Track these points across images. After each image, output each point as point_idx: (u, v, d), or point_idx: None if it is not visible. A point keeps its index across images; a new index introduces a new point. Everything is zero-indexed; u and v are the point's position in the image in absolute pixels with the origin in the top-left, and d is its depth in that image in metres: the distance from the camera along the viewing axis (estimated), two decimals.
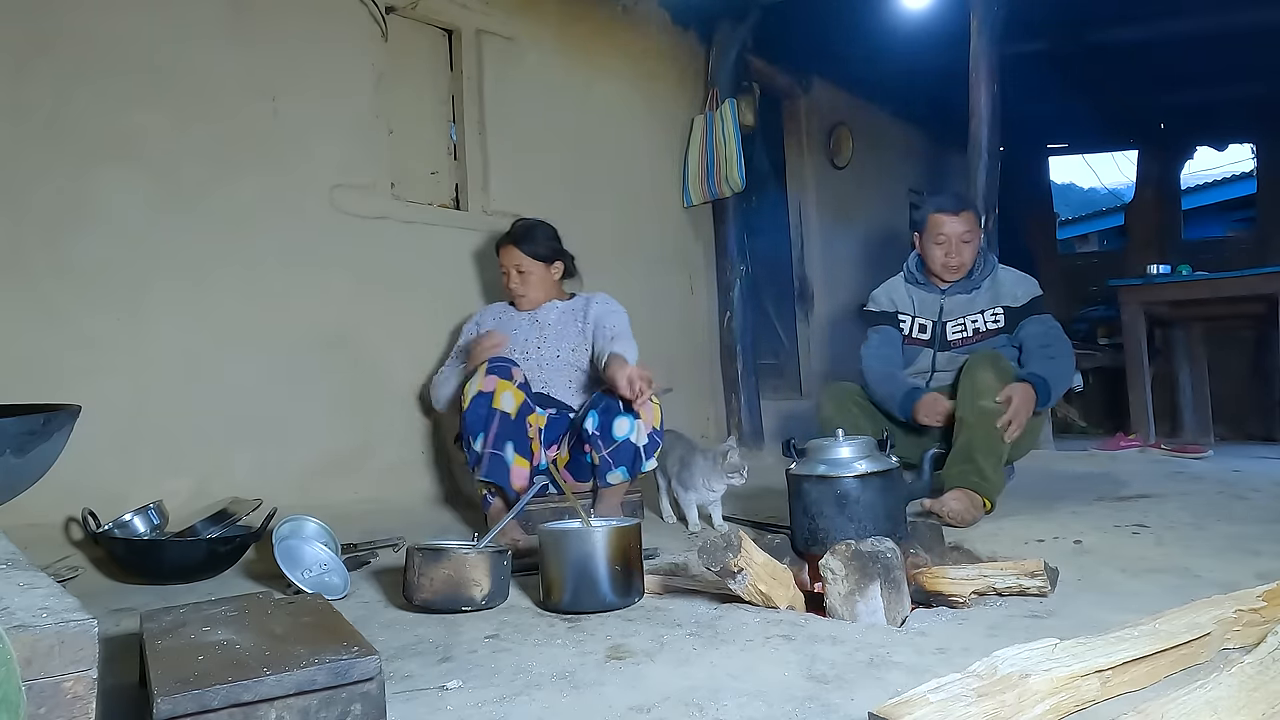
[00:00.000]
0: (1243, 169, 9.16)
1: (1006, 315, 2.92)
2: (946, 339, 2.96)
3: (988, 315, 2.94)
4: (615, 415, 2.59)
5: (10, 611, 0.94)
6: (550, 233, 3.01)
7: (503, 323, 2.98)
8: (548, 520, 2.32)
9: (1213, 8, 4.62)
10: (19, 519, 2.03)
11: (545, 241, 2.98)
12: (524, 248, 2.93)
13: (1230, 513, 2.62)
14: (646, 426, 2.62)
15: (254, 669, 1.09)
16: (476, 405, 2.54)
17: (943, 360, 2.96)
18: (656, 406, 2.66)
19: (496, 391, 2.55)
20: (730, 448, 2.69)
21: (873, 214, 5.90)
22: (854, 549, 1.69)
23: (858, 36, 4.66)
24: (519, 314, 3.00)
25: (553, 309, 2.98)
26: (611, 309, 2.96)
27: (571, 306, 2.99)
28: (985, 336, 2.92)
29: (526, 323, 2.97)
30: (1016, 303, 2.92)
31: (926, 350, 2.99)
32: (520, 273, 2.93)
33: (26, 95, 2.42)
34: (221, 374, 2.74)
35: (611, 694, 1.32)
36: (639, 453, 2.61)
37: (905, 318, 3.03)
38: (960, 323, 2.96)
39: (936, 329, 2.98)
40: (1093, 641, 1.26)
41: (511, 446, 2.51)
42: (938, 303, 2.99)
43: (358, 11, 3.16)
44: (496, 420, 2.52)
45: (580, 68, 3.96)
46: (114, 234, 2.55)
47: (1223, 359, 5.40)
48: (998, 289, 2.96)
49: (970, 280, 2.96)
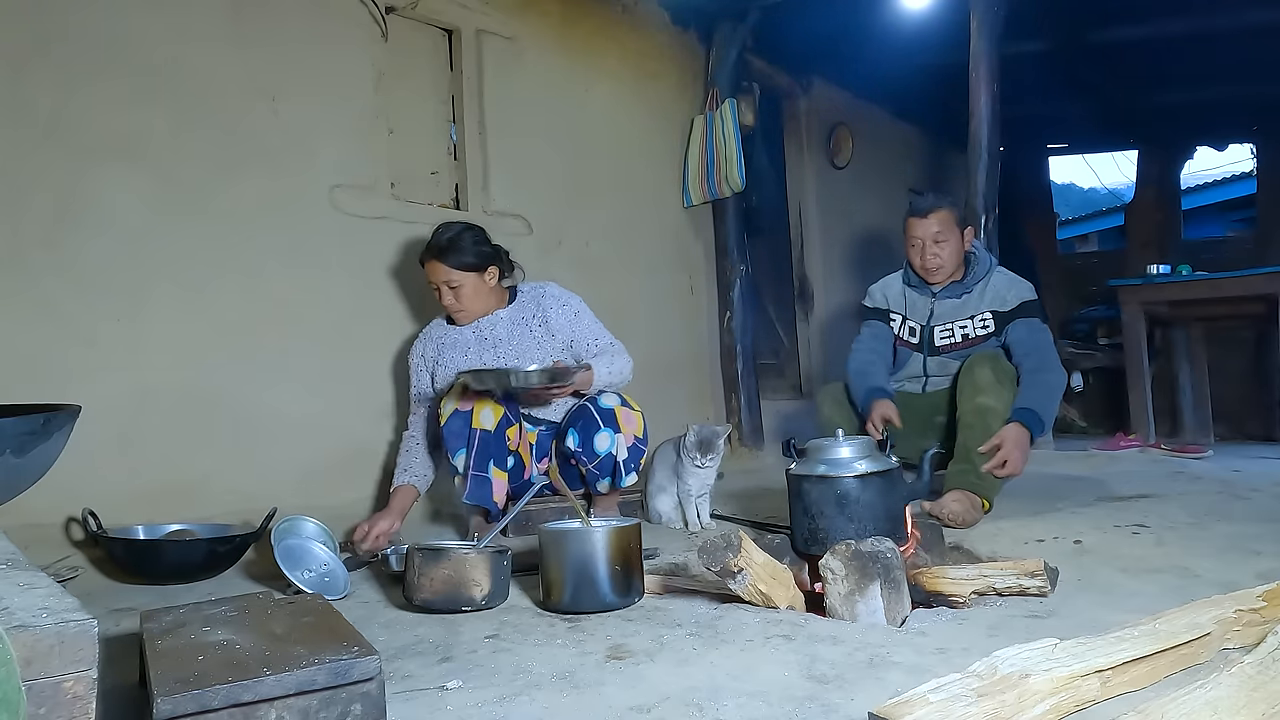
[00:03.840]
0: (1243, 169, 9.16)
1: (995, 319, 2.89)
2: (935, 344, 2.96)
3: (976, 321, 2.91)
4: (595, 431, 2.58)
5: (10, 611, 0.94)
6: (477, 236, 2.72)
7: (447, 346, 2.75)
8: (548, 520, 2.32)
9: (1213, 8, 4.62)
10: (19, 519, 2.03)
11: (472, 248, 2.68)
12: (449, 260, 2.64)
13: (1230, 513, 2.62)
14: (627, 439, 2.60)
15: (254, 669, 1.09)
16: (454, 422, 2.50)
17: (934, 366, 2.96)
18: (639, 416, 2.64)
19: (475, 410, 2.50)
20: (709, 429, 2.66)
21: (873, 214, 5.89)
22: (854, 549, 1.69)
23: (858, 36, 4.66)
24: (462, 331, 2.76)
25: (498, 321, 2.74)
26: (571, 310, 2.75)
27: (520, 314, 2.75)
28: (974, 343, 2.89)
29: (473, 340, 2.75)
30: (1005, 306, 2.88)
31: (917, 355, 2.99)
32: (452, 288, 2.66)
33: (26, 95, 2.42)
34: (221, 374, 2.74)
35: (611, 694, 1.32)
36: (619, 466, 2.60)
37: (896, 317, 3.04)
38: (948, 328, 2.94)
39: (924, 333, 2.97)
40: (1093, 641, 1.26)
41: (492, 464, 2.49)
42: (928, 305, 2.98)
43: (358, 11, 3.16)
44: (477, 439, 2.48)
45: (580, 68, 3.96)
46: (114, 234, 2.55)
47: (1223, 359, 5.39)
48: (989, 292, 2.92)
49: (962, 284, 2.94)
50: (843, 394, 2.98)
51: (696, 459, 2.65)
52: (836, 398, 2.99)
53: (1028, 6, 4.24)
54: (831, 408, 2.96)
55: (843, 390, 2.99)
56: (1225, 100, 6.24)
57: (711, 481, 2.73)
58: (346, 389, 3.04)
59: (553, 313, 2.73)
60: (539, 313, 2.74)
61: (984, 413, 2.67)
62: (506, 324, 2.74)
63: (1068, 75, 5.62)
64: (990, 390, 2.69)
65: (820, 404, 3.03)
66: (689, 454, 2.65)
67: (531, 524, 2.47)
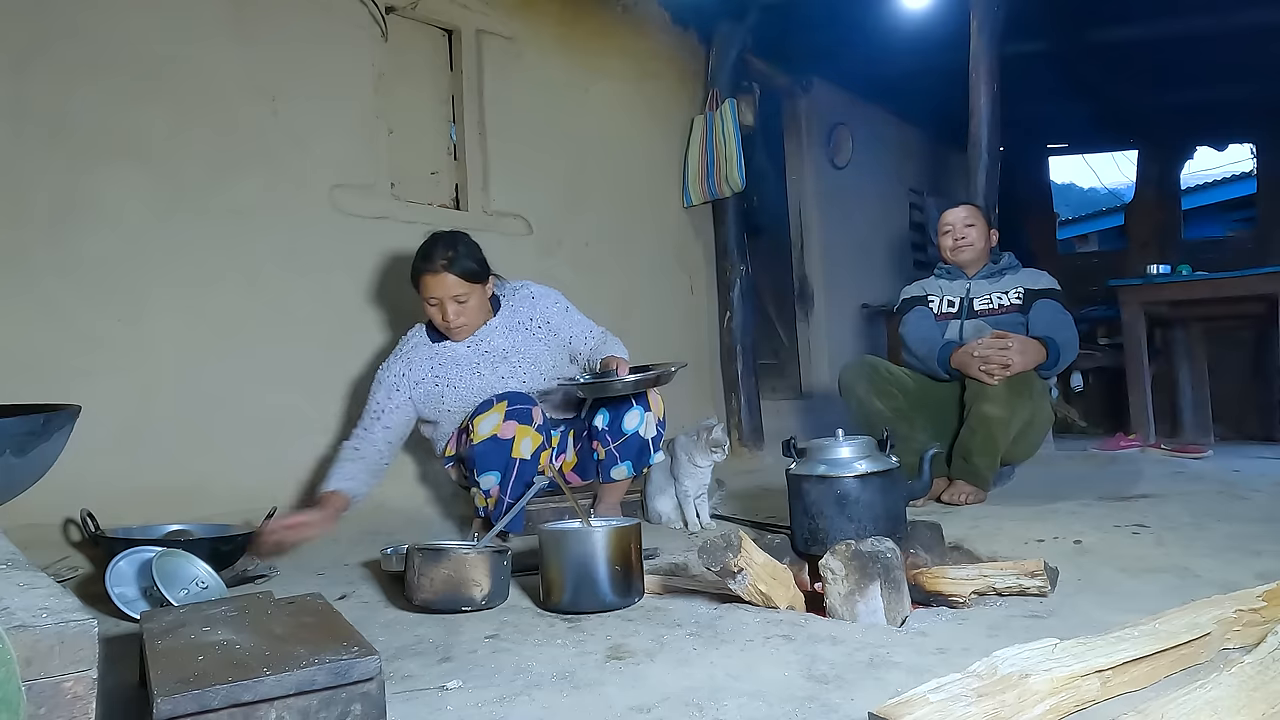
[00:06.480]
0: (1243, 169, 9.16)
1: (1026, 295, 3.12)
2: (973, 309, 3.16)
3: (1011, 294, 3.14)
4: (626, 409, 2.58)
5: (10, 611, 0.94)
6: (472, 243, 2.57)
7: (446, 365, 2.58)
8: (548, 520, 2.32)
9: (1213, 8, 4.62)
10: (19, 519, 2.03)
11: (475, 256, 2.53)
12: (458, 270, 2.47)
13: (1230, 513, 2.61)
14: (655, 417, 2.60)
15: (254, 669, 1.09)
16: (489, 444, 2.36)
17: (970, 329, 3.11)
18: (661, 399, 2.65)
19: (516, 439, 2.37)
20: (714, 423, 2.68)
21: (873, 214, 5.90)
22: (854, 549, 1.69)
23: (858, 36, 4.65)
24: (455, 348, 2.60)
25: (494, 332, 2.62)
26: (563, 306, 2.69)
27: (514, 319, 2.65)
28: (1009, 310, 3.11)
29: (472, 355, 2.60)
30: (1036, 285, 3.14)
31: (954, 322, 3.17)
32: (460, 302, 2.49)
33: (27, 94, 2.42)
34: (222, 374, 2.74)
35: (611, 694, 1.32)
36: (646, 446, 2.60)
37: (934, 299, 3.25)
38: (986, 297, 3.18)
39: (964, 304, 3.18)
40: (1093, 641, 1.25)
41: (524, 490, 2.43)
42: (965, 285, 3.22)
43: (358, 11, 3.16)
44: (515, 469, 2.37)
45: (580, 68, 3.96)
46: (114, 233, 2.55)
47: (1223, 359, 5.38)
48: (1021, 275, 3.20)
49: (995, 267, 3.21)
50: (872, 372, 3.08)
51: (717, 453, 2.65)
52: (868, 377, 3.06)
53: (1028, 6, 4.24)
54: (865, 390, 3.04)
55: (870, 369, 3.09)
56: (1225, 100, 6.24)
57: (708, 482, 2.74)
58: (346, 388, 3.04)
59: (552, 313, 2.70)
60: (536, 315, 2.68)
61: (988, 421, 2.83)
62: (502, 332, 2.63)
63: (1068, 75, 5.62)
64: (998, 400, 2.82)
65: (851, 387, 3.08)
66: (710, 446, 2.65)
67: (531, 524, 2.47)
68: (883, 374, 3.08)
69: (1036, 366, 2.89)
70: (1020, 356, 2.83)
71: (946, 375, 3.03)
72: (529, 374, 2.64)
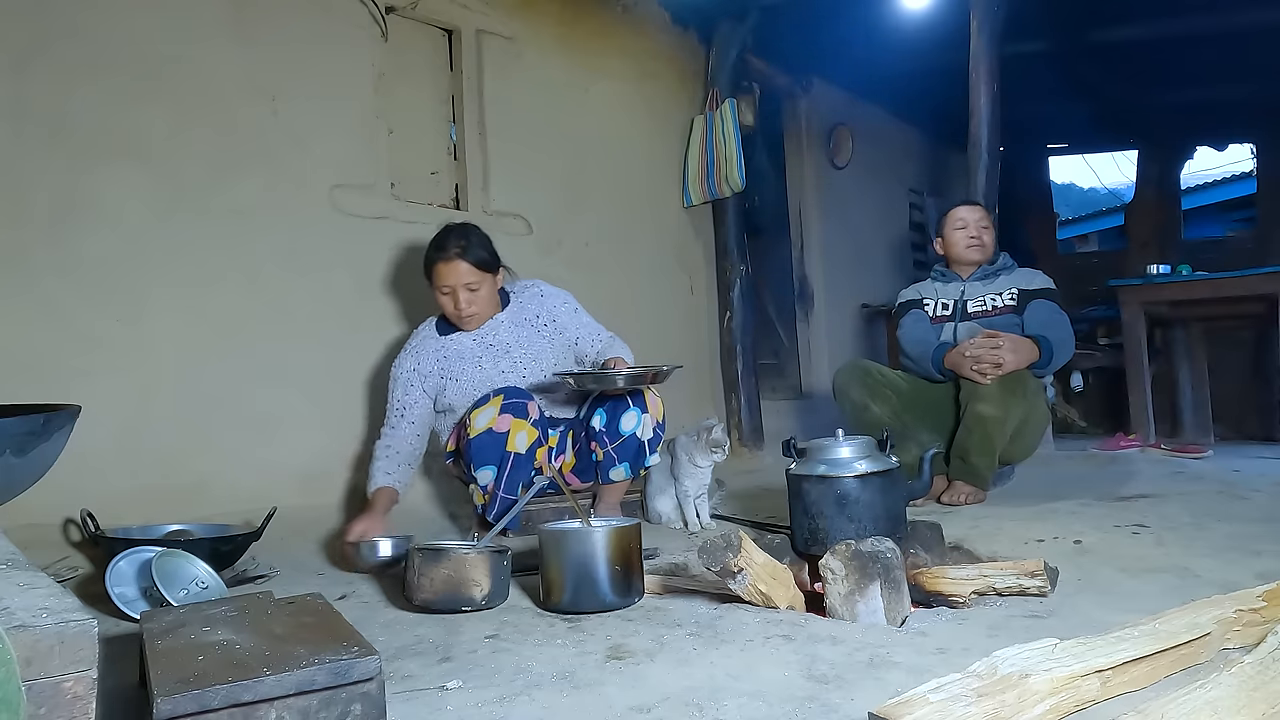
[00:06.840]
0: (1243, 169, 9.16)
1: (1020, 295, 3.13)
2: (967, 311, 3.17)
3: (1005, 295, 3.15)
4: (623, 410, 2.58)
5: (10, 611, 0.94)
6: (483, 233, 2.65)
7: (451, 358, 2.64)
8: (548, 520, 2.32)
9: (1213, 8, 4.62)
10: (19, 519, 2.03)
11: (487, 246, 2.61)
12: (471, 258, 2.55)
13: (1230, 513, 2.61)
14: (652, 420, 2.61)
15: (254, 669, 1.08)
16: (485, 438, 2.40)
17: (963, 331, 3.11)
18: (661, 402, 2.65)
19: (511, 432, 2.40)
20: (714, 423, 2.69)
21: (873, 214, 5.90)
22: (854, 549, 1.69)
23: (858, 36, 4.66)
24: (461, 340, 2.66)
25: (500, 326, 2.68)
26: (572, 306, 2.73)
27: (521, 315, 2.71)
28: (1003, 312, 3.11)
29: (479, 348, 2.65)
30: (1030, 286, 3.14)
31: (949, 324, 3.18)
32: (472, 290, 2.57)
33: (27, 94, 2.42)
34: (222, 374, 2.74)
35: (611, 694, 1.32)
36: (643, 447, 2.60)
37: (929, 302, 3.26)
38: (980, 300, 3.18)
39: (958, 306, 3.20)
40: (1093, 641, 1.25)
41: (521, 486, 2.43)
42: (959, 288, 3.23)
43: (358, 11, 3.16)
44: (510, 463, 2.41)
45: (580, 68, 3.96)
46: (114, 233, 2.55)
47: (1223, 359, 5.38)
48: (1016, 275, 3.20)
49: (989, 268, 3.22)
50: (865, 375, 3.10)
51: (717, 453, 2.65)
52: (861, 380, 3.08)
53: (1028, 6, 4.24)
54: (859, 391, 3.07)
55: (863, 372, 3.11)
56: (1225, 100, 6.24)
57: (708, 482, 2.74)
58: (346, 388, 3.04)
59: (560, 312, 2.74)
60: (543, 313, 2.72)
61: (983, 420, 2.83)
62: (509, 327, 2.68)
63: (1068, 75, 5.61)
64: (992, 400, 2.83)
65: (845, 389, 3.11)
66: (710, 446, 2.65)
67: (531, 524, 2.47)
68: (875, 376, 3.10)
69: (1030, 365, 2.90)
70: (1012, 355, 2.84)
71: (941, 377, 3.05)
72: (530, 370, 2.66)
